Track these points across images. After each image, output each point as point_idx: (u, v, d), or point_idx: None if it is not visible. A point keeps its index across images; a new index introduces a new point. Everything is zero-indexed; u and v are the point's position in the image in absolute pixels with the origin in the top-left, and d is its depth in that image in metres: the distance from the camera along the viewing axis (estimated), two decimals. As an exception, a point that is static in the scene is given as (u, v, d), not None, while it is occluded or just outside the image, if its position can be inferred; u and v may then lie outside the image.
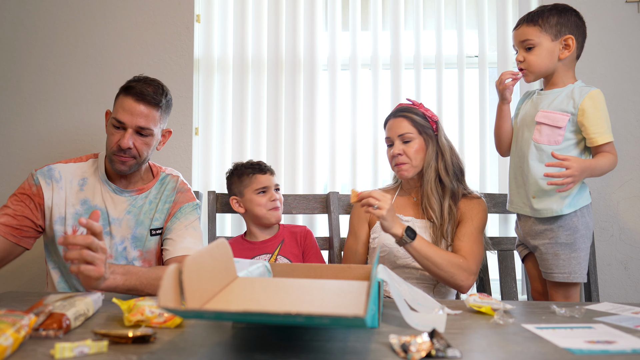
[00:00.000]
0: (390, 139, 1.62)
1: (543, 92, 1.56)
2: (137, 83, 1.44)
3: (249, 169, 1.77)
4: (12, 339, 0.76)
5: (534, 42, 1.49)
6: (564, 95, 1.50)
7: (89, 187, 1.49)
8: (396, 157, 1.59)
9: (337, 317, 0.67)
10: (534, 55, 1.49)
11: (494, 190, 2.10)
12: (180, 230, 1.49)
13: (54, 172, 1.48)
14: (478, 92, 2.13)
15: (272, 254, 1.72)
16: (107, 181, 1.50)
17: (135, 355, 0.78)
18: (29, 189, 1.47)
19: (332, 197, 1.93)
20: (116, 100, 1.46)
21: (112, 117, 1.43)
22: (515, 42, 1.54)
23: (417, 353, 0.78)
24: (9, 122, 2.13)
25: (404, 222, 1.56)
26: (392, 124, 1.62)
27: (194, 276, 0.77)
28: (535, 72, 1.51)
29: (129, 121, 1.41)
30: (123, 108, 1.41)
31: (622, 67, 2.05)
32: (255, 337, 0.89)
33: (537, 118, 1.50)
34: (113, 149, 1.43)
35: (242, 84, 2.14)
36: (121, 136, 1.41)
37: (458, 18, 2.13)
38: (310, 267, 1.16)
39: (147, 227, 1.50)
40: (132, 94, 1.42)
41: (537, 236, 1.52)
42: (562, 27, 1.49)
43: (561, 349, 0.84)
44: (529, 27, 1.50)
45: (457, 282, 1.46)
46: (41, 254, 2.09)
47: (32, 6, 2.15)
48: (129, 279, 1.20)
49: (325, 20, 2.18)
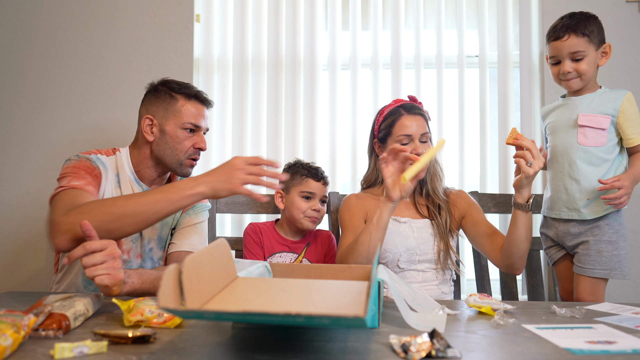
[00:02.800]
0: (411, 136, 1.54)
1: (575, 97, 1.59)
2: (191, 88, 1.51)
3: (304, 170, 1.74)
4: (12, 339, 0.76)
5: (585, 53, 1.53)
6: (600, 98, 1.55)
7: (123, 184, 1.47)
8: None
9: (337, 318, 0.67)
10: (585, 64, 1.53)
11: (494, 190, 2.10)
12: (189, 226, 1.51)
13: (101, 160, 1.43)
14: (478, 92, 2.13)
15: (299, 254, 1.72)
16: (137, 181, 1.49)
17: (135, 356, 0.78)
18: (93, 168, 1.38)
19: (332, 197, 1.93)
20: (174, 105, 1.47)
21: (186, 122, 1.46)
22: (560, 53, 1.54)
23: (417, 353, 0.78)
24: (8, 122, 2.13)
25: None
26: (412, 120, 1.55)
27: (193, 276, 0.77)
28: (586, 79, 1.55)
29: (203, 124, 1.50)
30: (197, 113, 1.48)
31: (622, 67, 2.05)
32: (255, 337, 0.89)
33: (580, 122, 1.53)
34: (189, 153, 1.47)
35: (242, 84, 2.14)
36: (197, 139, 1.48)
37: (458, 18, 2.13)
38: (310, 267, 1.16)
39: (170, 227, 1.52)
40: (199, 100, 1.50)
41: (580, 235, 1.56)
42: (601, 35, 1.55)
43: (561, 349, 0.84)
44: (578, 39, 1.52)
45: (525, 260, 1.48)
46: (41, 254, 2.10)
47: (32, 6, 2.15)
48: (145, 282, 1.21)
49: (325, 20, 2.18)
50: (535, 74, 2.12)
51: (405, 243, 1.54)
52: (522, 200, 1.40)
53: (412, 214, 1.61)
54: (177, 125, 1.47)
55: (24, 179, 2.11)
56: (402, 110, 1.58)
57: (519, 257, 1.46)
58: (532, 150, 1.34)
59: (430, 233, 1.57)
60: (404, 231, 1.56)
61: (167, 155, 1.48)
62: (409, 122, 1.55)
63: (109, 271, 1.06)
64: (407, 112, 1.57)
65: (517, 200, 1.41)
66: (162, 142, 1.47)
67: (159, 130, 1.47)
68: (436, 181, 1.62)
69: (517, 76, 2.13)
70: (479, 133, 2.12)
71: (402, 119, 1.56)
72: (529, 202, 1.40)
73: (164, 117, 1.47)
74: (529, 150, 1.34)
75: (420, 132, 1.55)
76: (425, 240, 1.55)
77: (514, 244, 1.44)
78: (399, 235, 1.56)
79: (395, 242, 1.55)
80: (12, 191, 2.11)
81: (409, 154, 1.36)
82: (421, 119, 1.57)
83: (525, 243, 1.44)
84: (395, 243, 1.54)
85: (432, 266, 1.55)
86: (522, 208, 1.41)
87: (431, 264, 1.55)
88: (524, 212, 1.41)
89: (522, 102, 2.08)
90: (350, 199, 1.66)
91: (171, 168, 1.50)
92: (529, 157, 1.34)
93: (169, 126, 1.47)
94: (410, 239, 1.55)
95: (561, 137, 1.58)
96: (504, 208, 1.93)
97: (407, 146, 1.52)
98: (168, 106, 1.48)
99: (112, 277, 1.06)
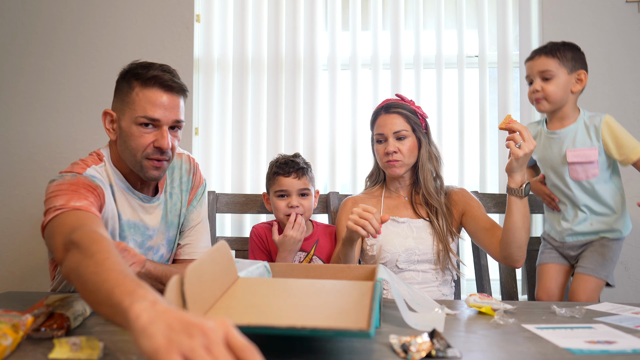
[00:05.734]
0: (383, 135, 1.57)
1: (557, 132, 1.62)
2: (151, 71, 1.21)
3: (275, 168, 1.68)
4: (12, 339, 0.76)
5: (553, 73, 1.56)
6: (581, 129, 1.59)
7: (118, 198, 1.26)
8: (390, 154, 1.55)
9: (342, 331, 0.69)
10: (552, 85, 1.56)
11: (494, 190, 2.10)
12: (198, 223, 1.42)
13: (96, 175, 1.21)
14: (478, 92, 2.13)
15: (308, 253, 1.67)
16: (130, 189, 1.28)
17: (135, 356, 0.77)
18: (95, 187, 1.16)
19: (332, 197, 1.93)
20: (129, 95, 1.21)
21: (139, 115, 1.19)
22: (531, 72, 1.60)
23: (417, 353, 0.78)
24: (8, 122, 2.13)
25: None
26: (385, 120, 1.57)
27: (195, 285, 0.77)
28: (552, 101, 1.58)
29: (163, 117, 1.20)
30: (152, 102, 1.19)
31: (622, 67, 2.05)
32: (255, 337, 0.89)
33: (569, 159, 1.58)
34: (147, 153, 1.21)
35: (242, 83, 2.14)
36: (157, 136, 1.21)
37: (458, 18, 2.13)
38: (309, 267, 1.16)
39: (177, 226, 1.39)
40: (158, 84, 1.20)
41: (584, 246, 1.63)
42: (575, 62, 1.59)
43: (561, 349, 0.84)
44: (548, 59, 1.57)
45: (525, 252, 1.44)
46: (41, 254, 2.09)
47: (32, 6, 2.15)
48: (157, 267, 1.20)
49: (325, 20, 2.18)
50: (535, 74, 2.12)
51: (404, 243, 1.53)
52: (515, 185, 1.37)
53: (410, 213, 1.60)
54: (131, 119, 1.20)
55: (24, 179, 2.11)
56: (382, 110, 1.60)
57: (516, 247, 1.41)
58: (522, 132, 1.32)
59: (429, 233, 1.56)
60: (402, 231, 1.56)
61: (126, 157, 1.24)
62: (382, 122, 1.58)
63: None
64: (385, 111, 1.59)
65: (511, 186, 1.38)
66: (121, 141, 1.24)
67: (118, 126, 1.24)
68: (429, 181, 1.58)
69: (517, 76, 2.13)
70: (479, 133, 2.12)
71: (378, 119, 1.60)
72: (522, 187, 1.36)
73: (121, 110, 1.22)
74: (520, 132, 1.32)
75: (393, 130, 1.55)
76: (424, 239, 1.54)
77: (510, 233, 1.40)
78: (397, 235, 1.55)
79: (394, 242, 1.54)
80: (12, 191, 2.11)
81: (509, 141, 1.33)
82: (398, 117, 1.56)
83: (523, 231, 1.39)
84: (393, 243, 1.54)
85: (432, 266, 1.54)
86: (515, 194, 1.37)
87: (431, 264, 1.54)
88: (518, 198, 1.37)
89: (522, 102, 2.08)
90: (346, 203, 1.66)
91: (135, 171, 1.25)
92: (518, 139, 1.31)
93: (124, 121, 1.21)
94: (409, 238, 1.54)
95: (555, 174, 1.64)
96: (504, 208, 1.92)
97: (382, 144, 1.57)
98: (124, 97, 1.22)
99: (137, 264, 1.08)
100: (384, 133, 1.56)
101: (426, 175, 1.58)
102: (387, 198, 1.64)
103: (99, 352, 0.76)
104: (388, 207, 1.62)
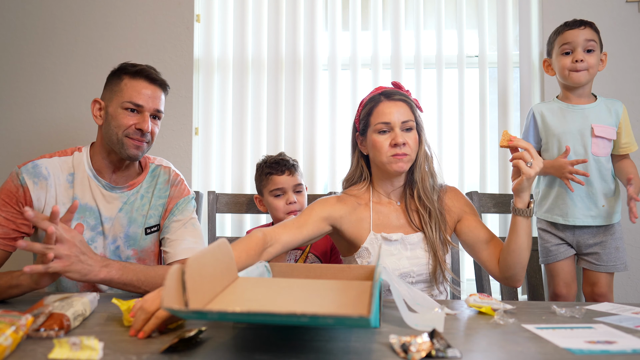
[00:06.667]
0: (389, 124, 1.35)
1: (583, 106, 1.63)
2: (139, 66, 1.41)
3: (267, 169, 1.68)
4: (12, 339, 0.76)
5: (596, 45, 1.59)
6: (603, 109, 1.62)
7: (77, 184, 1.40)
8: (400, 146, 1.34)
9: (342, 317, 0.67)
10: (595, 58, 1.59)
11: (494, 190, 2.10)
12: (179, 229, 1.44)
13: (41, 168, 1.37)
14: (478, 92, 2.13)
15: (303, 251, 1.66)
16: (96, 177, 1.42)
17: (135, 356, 0.78)
18: (15, 192, 1.35)
19: (332, 197, 1.93)
20: (118, 85, 1.39)
21: (125, 100, 1.37)
22: (576, 40, 1.59)
23: (417, 353, 0.78)
24: (8, 121, 2.13)
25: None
26: (390, 107, 1.37)
27: (196, 276, 0.77)
28: (592, 74, 1.61)
29: (146, 104, 1.38)
30: (137, 91, 1.37)
31: (622, 67, 2.05)
32: (255, 337, 0.89)
33: (596, 132, 1.59)
34: (128, 132, 1.37)
35: (242, 83, 2.14)
36: (139, 119, 1.38)
37: (458, 18, 2.13)
38: (309, 267, 1.16)
39: (141, 225, 1.44)
40: (144, 77, 1.39)
41: (597, 236, 1.65)
42: (602, 43, 1.63)
43: (561, 349, 0.84)
44: (593, 31, 1.60)
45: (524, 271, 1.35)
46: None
47: (32, 6, 2.15)
48: (125, 273, 1.20)
49: (325, 20, 2.18)
50: (535, 74, 2.12)
51: (398, 265, 1.35)
52: (522, 205, 1.28)
53: (403, 224, 1.41)
54: (118, 104, 1.38)
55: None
56: (382, 97, 1.40)
57: (521, 268, 1.32)
58: (529, 150, 1.24)
59: (425, 249, 1.38)
60: (395, 250, 1.37)
61: (110, 137, 1.39)
62: (387, 109, 1.37)
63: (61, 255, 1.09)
64: (387, 98, 1.39)
65: (518, 206, 1.29)
66: (106, 124, 1.40)
67: (105, 112, 1.41)
68: (427, 181, 1.42)
69: (517, 76, 2.13)
70: (479, 133, 2.12)
71: (380, 105, 1.38)
72: (530, 207, 1.29)
73: (110, 99, 1.40)
74: (527, 150, 1.24)
75: (401, 119, 1.35)
76: (419, 258, 1.37)
77: (515, 254, 1.30)
78: (389, 255, 1.36)
79: (386, 263, 1.35)
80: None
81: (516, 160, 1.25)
82: (403, 105, 1.38)
83: (527, 252, 1.31)
84: (385, 265, 1.35)
85: (427, 285, 1.40)
86: (523, 214, 1.29)
87: (426, 284, 1.40)
88: (525, 219, 1.29)
89: (521, 102, 2.08)
90: (330, 199, 1.44)
91: (115, 150, 1.39)
92: (528, 158, 1.23)
93: (111, 107, 1.39)
94: (402, 259, 1.36)
95: (575, 148, 1.62)
96: (504, 208, 1.93)
97: (386, 135, 1.36)
98: (114, 87, 1.40)
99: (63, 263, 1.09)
100: (391, 122, 1.35)
101: (424, 175, 1.41)
102: (377, 204, 1.43)
103: (98, 352, 0.76)
104: (379, 215, 1.42)
